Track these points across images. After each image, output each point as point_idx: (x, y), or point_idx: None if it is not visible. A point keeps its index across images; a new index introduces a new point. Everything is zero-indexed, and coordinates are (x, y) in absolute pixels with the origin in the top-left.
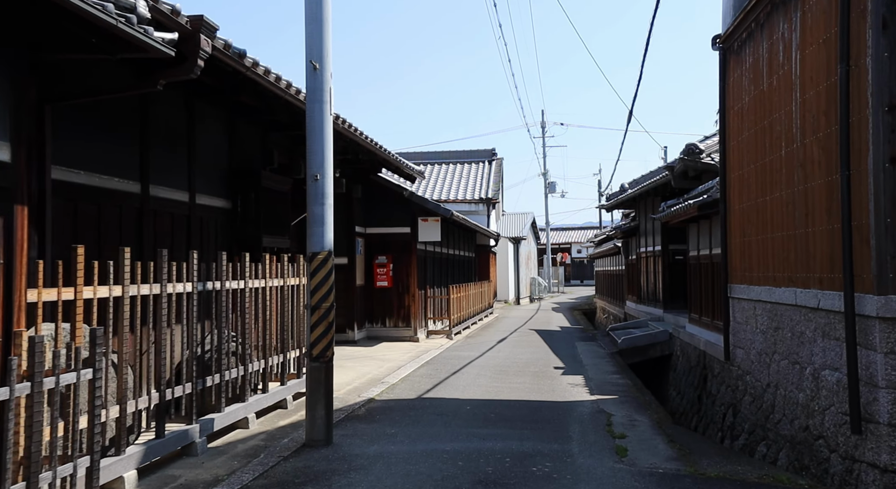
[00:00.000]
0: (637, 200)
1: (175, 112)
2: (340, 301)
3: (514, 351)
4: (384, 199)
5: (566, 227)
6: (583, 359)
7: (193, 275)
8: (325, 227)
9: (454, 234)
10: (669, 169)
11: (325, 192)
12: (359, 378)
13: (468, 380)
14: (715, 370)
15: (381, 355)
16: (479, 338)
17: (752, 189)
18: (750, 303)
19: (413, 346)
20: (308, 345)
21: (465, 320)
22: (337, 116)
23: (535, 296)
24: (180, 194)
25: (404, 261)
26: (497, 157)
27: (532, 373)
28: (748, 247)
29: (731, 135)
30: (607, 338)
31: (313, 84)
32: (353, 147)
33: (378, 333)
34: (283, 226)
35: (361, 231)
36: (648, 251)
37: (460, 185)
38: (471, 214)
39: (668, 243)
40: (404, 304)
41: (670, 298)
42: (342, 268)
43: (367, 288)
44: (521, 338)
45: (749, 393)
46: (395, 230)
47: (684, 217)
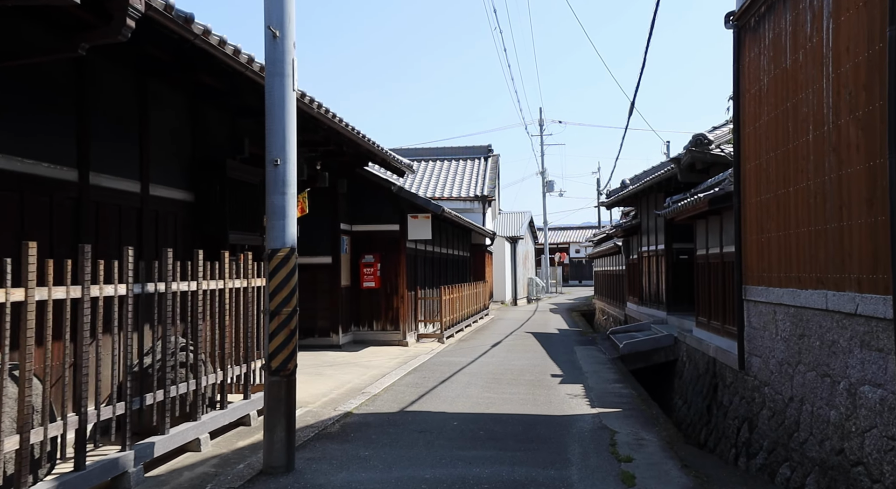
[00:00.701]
0: (639, 197)
1: (124, 91)
2: (324, 303)
3: (508, 356)
4: (371, 195)
5: (564, 227)
6: (582, 366)
7: (128, 275)
8: (286, 219)
9: (447, 232)
10: (676, 161)
11: (286, 179)
12: (338, 388)
13: (457, 390)
14: (727, 379)
15: (366, 361)
16: (473, 342)
17: (772, 180)
18: (769, 307)
19: (401, 351)
20: (267, 357)
21: (458, 323)
22: (303, 94)
23: (533, 297)
24: (130, 184)
25: (393, 261)
26: (493, 154)
27: (527, 382)
28: (766, 245)
29: (746, 121)
30: (608, 342)
31: (273, 54)
32: (336, 138)
33: (364, 337)
34: (255, 221)
35: (347, 228)
36: (651, 250)
37: (454, 182)
38: (465, 212)
39: (672, 242)
40: (392, 306)
41: (674, 300)
42: (325, 268)
43: (353, 289)
44: (517, 342)
45: (768, 406)
46: (383, 227)
47: (692, 213)
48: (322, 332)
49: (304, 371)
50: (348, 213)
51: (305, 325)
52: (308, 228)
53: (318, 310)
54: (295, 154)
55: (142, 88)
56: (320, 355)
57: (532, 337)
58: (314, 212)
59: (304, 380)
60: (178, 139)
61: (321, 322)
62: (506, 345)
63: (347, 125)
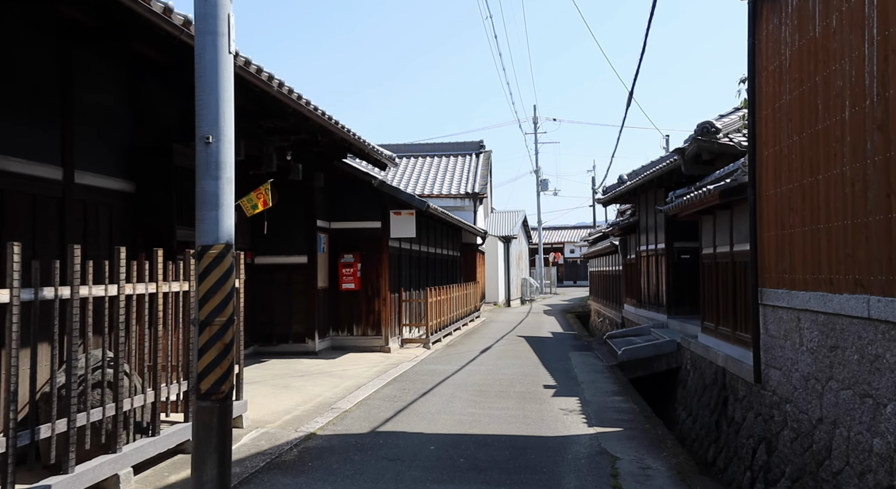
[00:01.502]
0: (637, 193)
1: (40, 60)
2: (298, 306)
3: (498, 364)
4: (351, 190)
5: (559, 227)
6: (577, 375)
7: (14, 278)
8: (220, 209)
9: (435, 230)
10: (680, 152)
11: (221, 160)
12: (305, 403)
13: (439, 405)
14: (739, 392)
15: (342, 370)
16: (461, 348)
17: (796, 167)
18: (791, 313)
19: (382, 358)
20: (195, 378)
21: (446, 326)
22: (247, 62)
23: (527, 298)
24: (48, 170)
25: (374, 261)
26: (485, 150)
27: (517, 395)
28: (788, 242)
29: (763, 102)
30: (605, 348)
31: (203, 7)
32: (307, 125)
33: (343, 343)
34: None
35: (324, 225)
36: (650, 249)
37: (445, 179)
38: (456, 210)
39: (674, 240)
40: (374, 310)
41: (675, 302)
42: (300, 269)
43: (332, 291)
44: (508, 348)
45: (790, 427)
46: (364, 225)
47: (699, 207)
48: (296, 338)
49: (271, 382)
50: (326, 209)
51: (279, 331)
52: (281, 225)
53: (292, 313)
54: (232, 130)
55: (65, 57)
56: (293, 363)
57: (524, 341)
58: (287, 207)
59: (267, 394)
60: (114, 120)
61: (296, 327)
62: (496, 351)
63: (317, 109)
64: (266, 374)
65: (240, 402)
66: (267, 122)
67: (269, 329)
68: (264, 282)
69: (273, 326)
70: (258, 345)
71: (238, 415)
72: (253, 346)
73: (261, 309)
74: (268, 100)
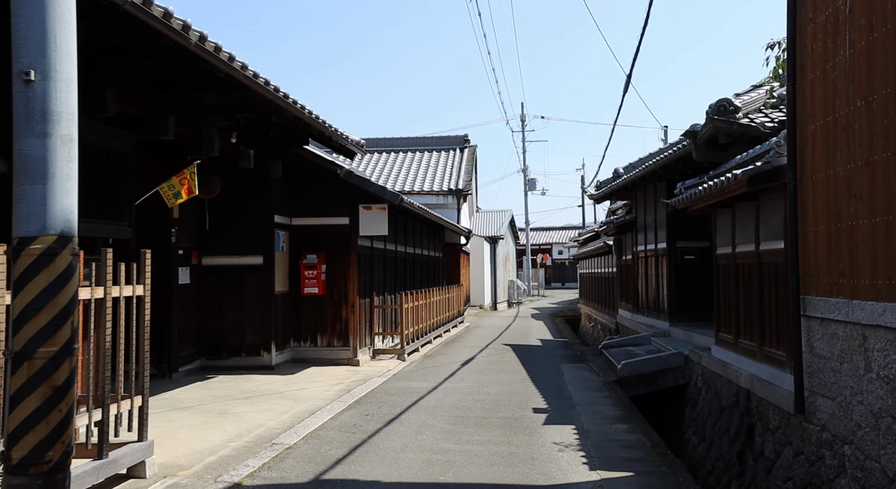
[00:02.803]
0: (634, 188)
1: None
2: (253, 314)
3: (480, 379)
4: (314, 182)
5: (547, 227)
6: (572, 394)
7: None
8: (51, 183)
9: (414, 229)
10: (691, 135)
11: (51, 108)
12: (240, 437)
13: (407, 438)
14: (770, 421)
15: (298, 389)
16: (440, 359)
17: (861, 141)
18: (851, 329)
19: (349, 373)
20: (5, 440)
21: (425, 334)
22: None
23: (514, 301)
24: None
25: (341, 262)
26: (470, 145)
27: (502, 422)
28: (848, 238)
29: (808, 64)
30: (600, 359)
31: None
32: (254, 101)
33: (306, 355)
34: (120, 205)
35: (284, 222)
36: (649, 249)
37: (427, 175)
38: (438, 208)
39: (676, 239)
40: (341, 317)
41: (678, 309)
42: (255, 271)
43: (292, 296)
44: (493, 359)
45: (852, 476)
46: (330, 221)
47: (718, 198)
48: (250, 350)
49: (207, 407)
50: (286, 202)
51: (230, 342)
52: (233, 221)
53: (245, 322)
54: (74, 66)
55: None
56: (242, 381)
57: (511, 351)
58: (240, 200)
59: (196, 425)
60: None
61: (249, 337)
62: (479, 364)
63: (256, 76)
64: (205, 397)
65: (142, 445)
66: (203, 97)
67: (218, 340)
68: (213, 287)
69: (223, 337)
70: (206, 359)
71: (139, 461)
72: (199, 360)
73: (209, 317)
74: (193, 61)
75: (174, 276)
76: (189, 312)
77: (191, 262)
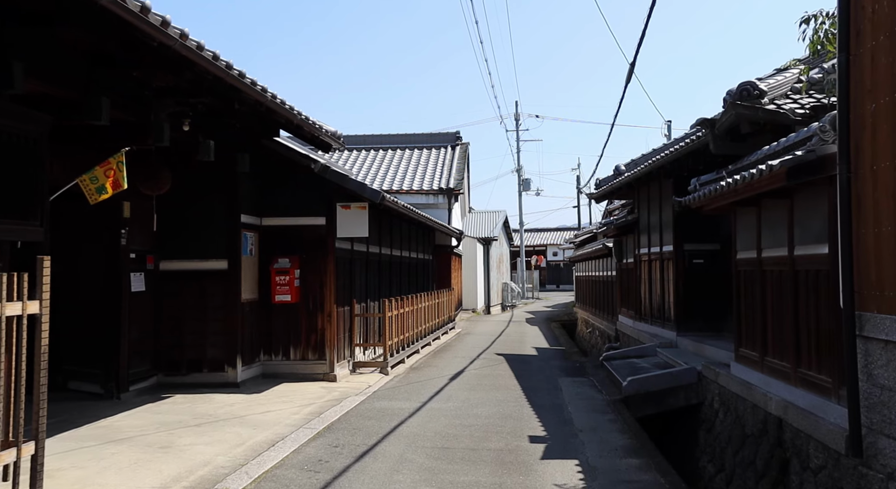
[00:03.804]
0: (637, 186)
1: None
2: (215, 325)
3: (470, 398)
4: (287, 178)
5: (542, 229)
6: (573, 416)
7: None
8: None
9: (400, 230)
10: (708, 124)
11: None
12: (177, 480)
13: (378, 481)
14: (811, 459)
15: (262, 412)
16: (427, 372)
17: None
18: None
19: (323, 391)
20: None
21: (412, 342)
22: None
23: (508, 304)
24: None
25: (317, 266)
26: (462, 142)
27: (493, 455)
28: None
29: (866, 29)
30: (601, 372)
31: None
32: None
33: (277, 370)
34: (27, 201)
35: (253, 222)
36: (653, 252)
37: (416, 174)
38: (428, 208)
39: (684, 241)
40: (316, 328)
41: (686, 317)
42: (218, 277)
43: (262, 304)
44: (485, 372)
45: None
46: (304, 221)
47: (745, 194)
48: (213, 366)
49: (148, 439)
50: (255, 201)
51: (190, 356)
52: (193, 221)
53: (207, 334)
54: None
55: None
56: (200, 402)
57: (504, 362)
58: (201, 198)
59: (128, 464)
60: None
61: (212, 351)
62: (469, 378)
63: (203, 49)
64: (150, 424)
65: None
66: (148, 76)
67: (177, 354)
68: (172, 294)
69: (183, 351)
70: (163, 375)
71: None
72: (156, 377)
73: (167, 328)
74: (118, 26)
75: (124, 283)
76: (144, 323)
77: (146, 267)
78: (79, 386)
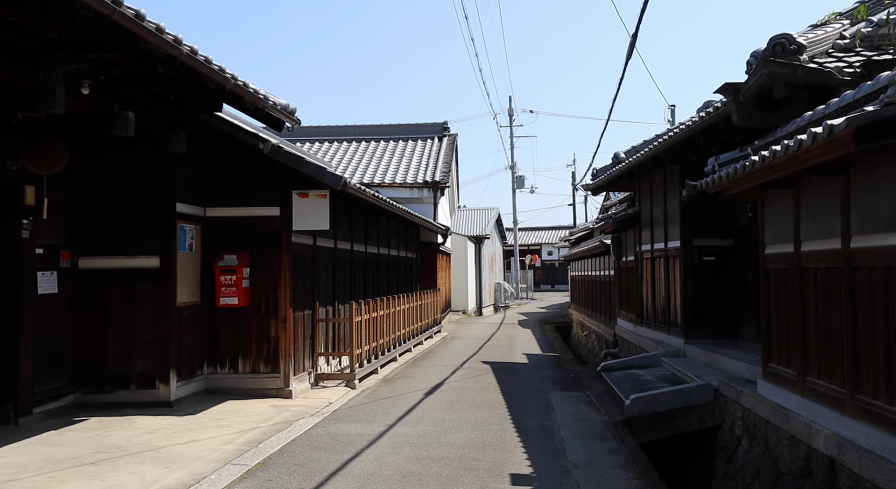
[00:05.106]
0: (638, 175)
1: None
2: (145, 333)
3: (445, 420)
4: (234, 161)
5: (536, 227)
6: (566, 445)
7: None
8: None
9: (378, 224)
10: (731, 91)
11: None
12: None
13: None
14: None
15: (187, 441)
16: (401, 385)
17: None
18: None
19: (273, 411)
20: None
21: (388, 349)
22: None
23: (501, 305)
24: None
25: (269, 264)
26: (449, 133)
27: None
28: None
29: None
30: (600, 385)
31: None
32: (114, 35)
33: (224, 384)
34: None
35: (193, 212)
36: (657, 249)
37: (400, 166)
38: (412, 202)
39: (693, 236)
40: (268, 335)
41: (696, 322)
42: (149, 276)
43: (206, 308)
44: (466, 384)
45: None
46: (254, 212)
47: (783, 172)
48: (142, 381)
49: (16, 485)
50: (196, 188)
51: (115, 370)
52: (118, 210)
53: (135, 344)
54: None
55: None
56: (116, 427)
57: (490, 372)
58: (127, 182)
59: None
60: None
61: (141, 364)
62: (448, 392)
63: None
64: (35, 461)
65: None
66: (26, 22)
67: (100, 367)
68: (93, 297)
69: (107, 364)
70: (81, 393)
71: None
72: (72, 395)
73: (89, 337)
74: None
75: (27, 284)
76: (57, 331)
77: (59, 265)
78: None
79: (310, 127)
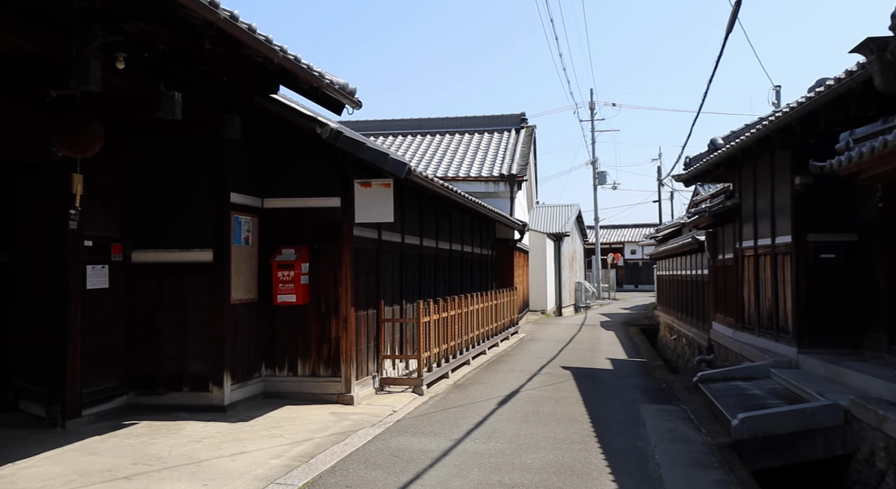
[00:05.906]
0: (739, 163)
1: None
2: (199, 332)
3: (520, 435)
4: (292, 148)
5: (618, 225)
6: (662, 471)
7: None
8: None
9: (450, 218)
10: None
11: None
12: None
13: None
14: None
15: (232, 454)
16: (472, 392)
17: None
18: None
19: (332, 419)
20: None
21: (461, 352)
22: None
23: (582, 305)
24: None
25: (329, 259)
26: (527, 125)
27: None
28: None
29: None
30: (697, 397)
31: None
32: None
33: (283, 388)
34: None
35: (250, 203)
36: (761, 245)
37: (475, 159)
38: (487, 197)
39: (807, 230)
40: (329, 336)
41: (811, 328)
42: (203, 271)
43: (263, 306)
44: (544, 393)
45: None
46: (314, 203)
47: None
48: (195, 383)
49: None
50: (252, 177)
51: (168, 371)
52: (171, 200)
53: (188, 343)
54: None
55: None
56: (161, 434)
57: (571, 379)
58: (178, 172)
59: None
60: None
61: (195, 365)
62: (523, 403)
63: None
64: (65, 474)
65: None
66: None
67: (153, 368)
68: (146, 292)
69: (160, 364)
70: (135, 394)
71: None
72: (125, 397)
73: (141, 336)
74: None
75: (75, 278)
76: (109, 329)
77: (110, 258)
78: (28, 406)
79: (382, 121)
